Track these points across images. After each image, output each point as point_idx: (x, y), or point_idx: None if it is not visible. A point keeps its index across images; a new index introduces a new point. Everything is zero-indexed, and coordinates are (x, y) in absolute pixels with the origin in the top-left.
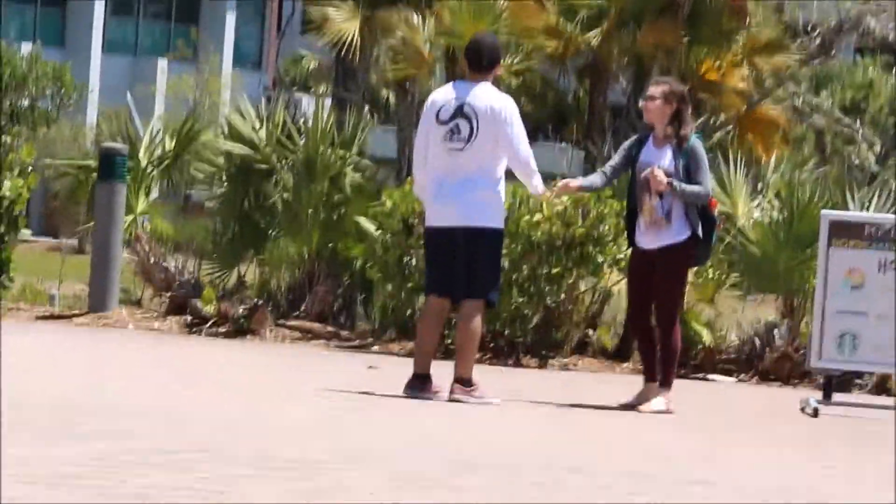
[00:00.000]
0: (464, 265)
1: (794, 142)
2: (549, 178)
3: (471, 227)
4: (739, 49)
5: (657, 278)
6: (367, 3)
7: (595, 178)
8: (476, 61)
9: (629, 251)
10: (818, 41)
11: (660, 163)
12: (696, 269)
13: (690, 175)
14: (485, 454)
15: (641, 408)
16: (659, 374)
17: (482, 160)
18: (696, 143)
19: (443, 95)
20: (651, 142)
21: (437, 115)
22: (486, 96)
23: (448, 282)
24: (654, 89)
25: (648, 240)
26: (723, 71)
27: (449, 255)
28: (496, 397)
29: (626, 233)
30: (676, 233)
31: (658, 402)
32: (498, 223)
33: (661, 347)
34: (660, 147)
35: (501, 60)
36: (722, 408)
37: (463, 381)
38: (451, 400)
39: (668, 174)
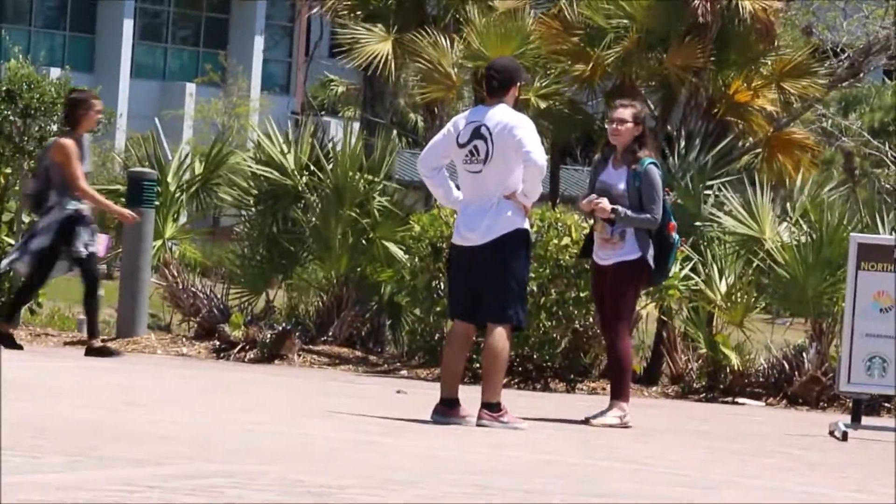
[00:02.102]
0: (486, 285)
1: (822, 164)
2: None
3: (492, 239)
4: (767, 71)
5: (606, 293)
6: (395, 27)
7: None
8: (490, 85)
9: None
10: (847, 63)
11: (617, 184)
12: (727, 296)
13: (642, 199)
14: (512, 479)
15: (593, 421)
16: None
17: (502, 178)
18: (650, 167)
19: (463, 119)
20: (611, 163)
21: (458, 139)
22: (501, 116)
23: (471, 306)
24: (624, 112)
25: (602, 256)
26: (751, 93)
27: (471, 275)
28: (523, 422)
29: (581, 246)
30: (628, 251)
31: (611, 416)
32: (518, 224)
33: (607, 359)
34: (617, 168)
35: (519, 82)
36: (750, 432)
37: (490, 405)
38: (478, 425)
39: (621, 196)
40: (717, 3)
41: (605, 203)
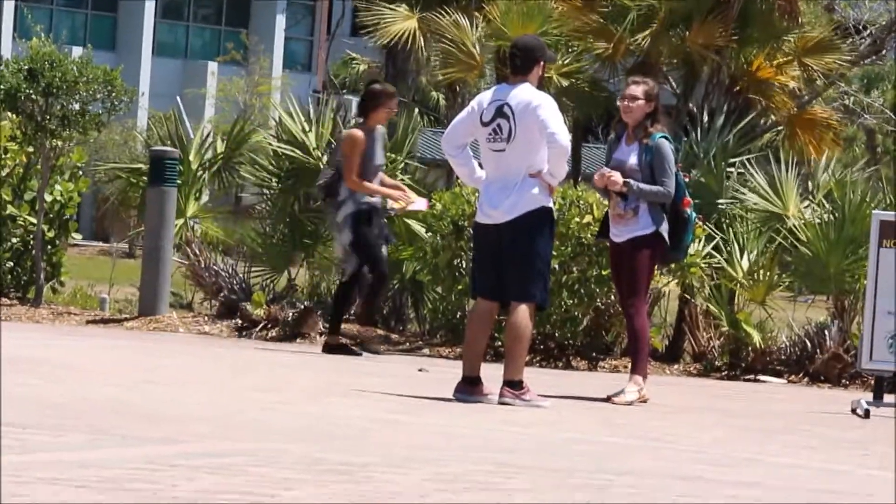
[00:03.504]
0: (510, 263)
1: (844, 142)
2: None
3: (515, 217)
4: (790, 48)
5: (624, 269)
6: (418, 5)
7: None
8: (513, 63)
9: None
10: (869, 40)
11: (629, 160)
12: (749, 274)
13: (654, 172)
14: (534, 457)
15: (615, 399)
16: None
17: (525, 156)
18: (661, 141)
19: (486, 98)
20: (623, 140)
21: (481, 118)
22: (524, 94)
23: (495, 284)
24: (636, 89)
25: (617, 232)
26: (774, 70)
27: (495, 253)
28: (546, 400)
29: (599, 226)
30: (642, 227)
31: (630, 393)
32: (543, 202)
33: (627, 334)
34: (630, 144)
35: (543, 60)
36: (772, 409)
37: (512, 383)
38: (500, 403)
39: (633, 170)
40: None
41: (616, 176)
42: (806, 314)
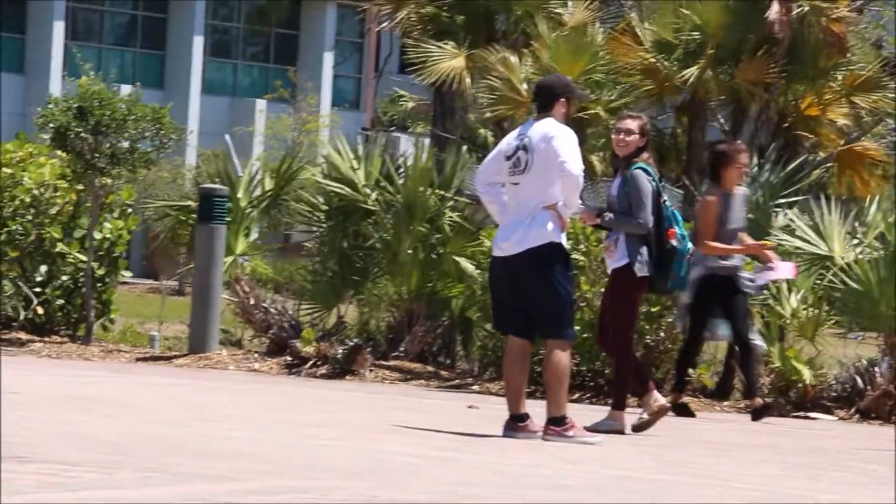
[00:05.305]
0: (531, 301)
1: (894, 179)
2: None
3: (523, 250)
4: (838, 85)
5: (607, 300)
6: (465, 43)
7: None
8: (535, 101)
9: None
10: None
11: (612, 192)
12: (798, 311)
13: (631, 202)
14: (583, 494)
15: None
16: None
17: (539, 188)
18: (636, 172)
19: (513, 135)
20: (619, 173)
21: (506, 153)
22: (543, 127)
23: (521, 321)
24: (631, 123)
25: (607, 264)
26: (822, 106)
27: (509, 287)
28: (595, 436)
29: None
30: (618, 258)
31: (603, 424)
32: (551, 238)
33: (612, 371)
34: (619, 177)
35: (564, 97)
36: (822, 446)
37: (555, 420)
38: (544, 439)
39: (614, 202)
40: (789, 16)
41: (585, 214)
42: (856, 351)
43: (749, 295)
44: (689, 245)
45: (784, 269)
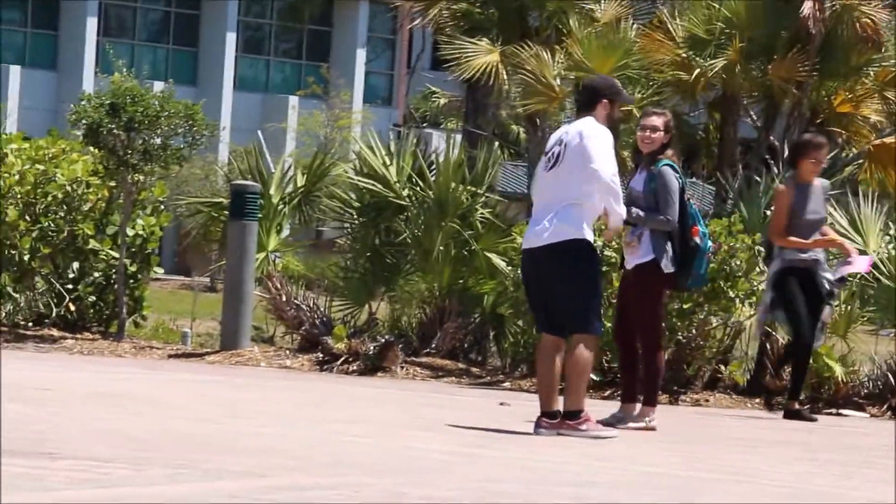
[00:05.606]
0: (557, 296)
1: None
2: None
3: (546, 244)
4: (871, 81)
5: (630, 297)
6: (498, 39)
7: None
8: (577, 100)
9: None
10: None
11: (638, 187)
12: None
13: (658, 200)
14: (613, 491)
15: (622, 426)
16: (641, 392)
17: (567, 183)
18: (664, 168)
19: (556, 134)
20: (640, 168)
21: (546, 151)
22: (581, 125)
23: (552, 318)
24: (657, 120)
25: (627, 259)
26: (855, 102)
27: (538, 281)
28: (610, 430)
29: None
30: (643, 254)
31: (639, 422)
32: (575, 234)
33: (642, 368)
34: (642, 172)
35: (606, 98)
36: (854, 443)
37: (570, 414)
38: (558, 434)
39: (639, 198)
40: (823, 12)
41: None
42: (888, 348)
43: (834, 294)
44: (710, 243)
45: (860, 263)
